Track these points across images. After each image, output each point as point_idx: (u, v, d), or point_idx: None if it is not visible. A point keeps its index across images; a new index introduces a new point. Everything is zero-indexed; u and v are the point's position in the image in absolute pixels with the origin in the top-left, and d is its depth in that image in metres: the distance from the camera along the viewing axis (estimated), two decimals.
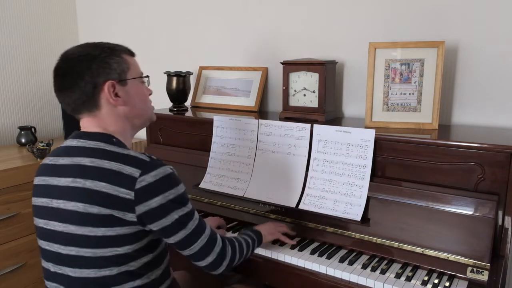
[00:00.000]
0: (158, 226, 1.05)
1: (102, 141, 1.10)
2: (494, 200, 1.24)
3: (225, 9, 2.17)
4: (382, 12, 1.73)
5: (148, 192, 1.03)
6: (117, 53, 1.14)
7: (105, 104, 1.12)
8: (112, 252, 1.04)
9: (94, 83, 1.09)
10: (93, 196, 1.02)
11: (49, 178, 1.11)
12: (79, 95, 1.10)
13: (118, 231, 1.03)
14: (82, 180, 1.04)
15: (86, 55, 1.10)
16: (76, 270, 1.06)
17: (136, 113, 1.18)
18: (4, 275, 1.94)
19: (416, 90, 1.55)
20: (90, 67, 1.09)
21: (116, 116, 1.14)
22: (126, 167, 1.04)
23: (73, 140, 1.14)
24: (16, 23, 2.51)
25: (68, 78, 1.10)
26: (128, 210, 1.02)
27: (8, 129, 2.51)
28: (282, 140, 1.62)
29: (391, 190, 1.39)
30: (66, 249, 1.07)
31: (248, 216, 1.62)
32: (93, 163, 1.05)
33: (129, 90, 1.15)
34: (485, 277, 1.20)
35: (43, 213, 1.11)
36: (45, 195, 1.11)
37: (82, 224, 1.03)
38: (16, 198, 1.97)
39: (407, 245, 1.33)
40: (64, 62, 1.13)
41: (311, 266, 1.34)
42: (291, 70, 1.75)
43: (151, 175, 1.03)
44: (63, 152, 1.13)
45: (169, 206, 1.05)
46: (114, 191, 1.02)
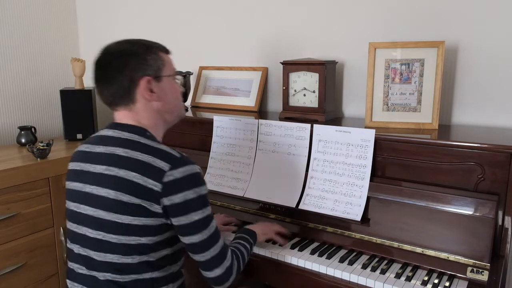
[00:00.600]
0: (177, 222, 1.10)
1: (136, 133, 1.16)
2: (494, 200, 1.24)
3: (225, 9, 2.17)
4: (382, 12, 1.73)
5: (174, 187, 1.07)
6: (153, 50, 1.20)
7: (141, 99, 1.17)
8: (135, 241, 1.09)
9: (131, 78, 1.15)
10: (124, 185, 1.08)
11: (84, 164, 1.17)
12: (117, 89, 1.16)
13: (144, 221, 1.08)
14: (115, 168, 1.10)
15: (125, 50, 1.17)
16: (100, 254, 1.12)
17: (169, 109, 1.23)
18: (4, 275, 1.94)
19: (416, 90, 1.55)
20: (128, 62, 1.15)
21: (150, 110, 1.19)
22: (157, 160, 1.09)
23: (108, 130, 1.19)
24: (16, 23, 2.51)
25: (107, 71, 1.16)
26: (155, 201, 1.07)
27: (8, 129, 2.50)
28: (282, 140, 1.62)
29: (391, 190, 1.39)
30: (93, 233, 1.12)
31: (248, 216, 1.62)
32: (126, 153, 1.11)
33: (163, 86, 1.20)
34: (485, 277, 1.20)
35: (75, 197, 1.18)
36: (79, 180, 1.17)
37: (112, 211, 1.09)
38: (16, 198, 1.97)
39: (407, 245, 1.33)
40: (104, 55, 1.18)
41: (311, 266, 1.34)
42: (291, 70, 1.75)
43: (180, 171, 1.08)
44: (99, 140, 1.19)
45: (191, 203, 1.10)
46: (143, 181, 1.07)
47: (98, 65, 1.19)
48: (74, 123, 2.49)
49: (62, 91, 2.45)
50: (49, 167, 2.09)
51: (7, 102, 2.50)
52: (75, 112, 2.47)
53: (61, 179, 2.15)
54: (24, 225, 2.01)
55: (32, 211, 2.04)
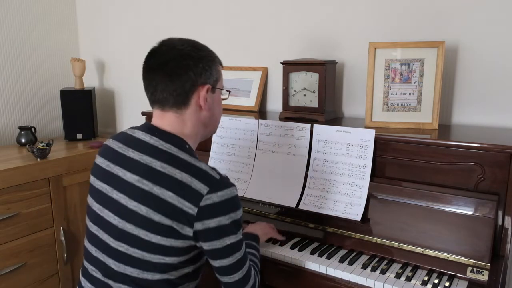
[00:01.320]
0: (209, 246, 1.05)
1: (175, 146, 1.08)
2: (494, 200, 1.24)
3: (224, 9, 2.17)
4: (382, 12, 1.73)
5: (210, 211, 1.02)
6: (217, 60, 1.18)
7: (193, 105, 1.12)
8: (159, 260, 1.04)
9: (194, 81, 1.10)
10: (158, 204, 1.02)
11: (114, 166, 1.11)
12: (176, 88, 1.09)
13: (172, 243, 1.03)
14: (149, 183, 1.03)
15: (196, 52, 1.12)
16: (120, 265, 1.07)
17: (212, 122, 1.20)
18: (4, 275, 1.94)
19: (416, 90, 1.55)
20: (197, 65, 1.10)
21: (197, 119, 1.14)
22: (196, 182, 1.02)
23: (145, 135, 1.11)
24: (16, 23, 2.51)
25: (171, 66, 1.09)
26: (188, 224, 1.02)
27: (8, 129, 2.51)
28: (282, 140, 1.62)
29: (391, 190, 1.39)
30: (115, 243, 1.07)
31: (248, 216, 1.62)
32: (164, 169, 1.04)
33: (215, 98, 1.18)
34: (485, 277, 1.20)
35: (101, 199, 1.12)
36: (107, 181, 1.11)
37: (140, 227, 1.03)
38: (16, 198, 1.97)
39: (407, 245, 1.33)
40: (169, 49, 1.12)
41: (311, 266, 1.34)
42: (291, 70, 1.75)
43: (218, 195, 1.02)
44: (133, 143, 1.11)
45: (226, 228, 1.04)
46: (179, 203, 1.01)
47: (159, 56, 1.12)
48: (74, 123, 2.49)
49: (62, 91, 2.45)
50: (49, 167, 2.09)
51: (7, 102, 2.50)
52: (75, 112, 2.47)
53: (61, 179, 2.15)
54: (24, 225, 2.01)
55: (32, 211, 2.04)
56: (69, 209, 2.21)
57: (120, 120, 2.77)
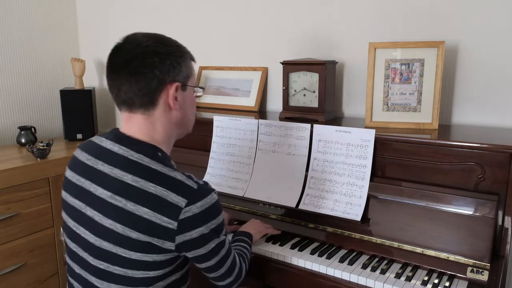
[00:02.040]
0: (194, 254, 1.02)
1: (147, 156, 1.01)
2: (494, 200, 1.24)
3: (225, 9, 2.17)
4: (382, 12, 1.73)
5: (191, 223, 0.98)
6: (187, 56, 1.10)
7: (162, 105, 1.05)
8: (143, 275, 1.00)
9: (161, 79, 1.02)
10: (134, 221, 0.97)
11: (85, 180, 1.05)
12: (142, 87, 1.02)
13: (154, 258, 0.99)
14: (122, 199, 0.98)
15: (162, 47, 1.04)
16: (103, 283, 1.02)
17: (185, 122, 1.12)
18: (4, 275, 1.94)
19: (416, 90, 1.55)
20: (163, 62, 1.02)
21: (168, 120, 1.07)
22: (172, 195, 0.97)
23: (114, 144, 1.05)
24: (16, 23, 2.51)
25: (135, 64, 1.01)
26: (168, 239, 0.98)
27: (8, 129, 2.51)
28: (282, 140, 1.62)
29: (391, 190, 1.39)
30: (95, 261, 1.02)
31: (248, 216, 1.62)
32: (136, 183, 0.98)
33: (186, 96, 1.10)
34: (485, 277, 1.20)
35: (75, 216, 1.07)
36: (79, 197, 1.06)
37: (118, 245, 0.98)
38: (16, 198, 1.97)
39: (407, 245, 1.33)
40: (133, 45, 1.03)
41: (311, 266, 1.34)
42: (291, 70, 1.75)
43: (197, 205, 0.98)
44: (102, 154, 1.05)
45: (209, 235, 1.01)
46: (156, 219, 0.96)
47: (123, 54, 1.03)
48: (74, 123, 2.49)
49: (62, 91, 2.45)
50: (49, 167, 2.09)
51: (7, 102, 2.50)
52: (75, 112, 2.47)
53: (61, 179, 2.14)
54: (24, 225, 2.01)
55: (32, 211, 2.04)
56: None
57: (120, 120, 2.76)
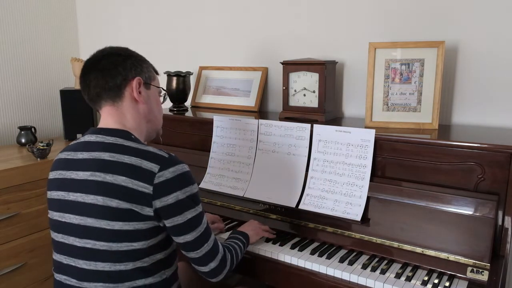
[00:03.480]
0: (171, 223, 1.09)
1: (121, 137, 1.14)
2: (494, 200, 1.24)
3: (225, 9, 2.17)
4: (382, 12, 1.73)
5: (166, 187, 1.06)
6: (147, 63, 1.26)
7: (128, 98, 1.18)
8: (128, 247, 1.07)
9: (125, 75, 1.17)
10: (113, 190, 1.05)
11: (66, 172, 1.14)
12: (107, 81, 1.16)
13: (135, 226, 1.06)
14: (102, 174, 1.07)
15: (124, 52, 1.21)
16: (91, 263, 1.08)
17: (152, 117, 1.25)
18: (4, 275, 1.94)
19: (416, 90, 1.55)
20: (125, 61, 1.18)
21: (136, 112, 1.20)
22: (145, 162, 1.07)
23: (91, 136, 1.16)
24: (16, 23, 2.51)
25: (102, 63, 1.17)
26: (146, 204, 1.05)
27: (8, 129, 2.51)
28: (282, 140, 1.62)
29: (391, 190, 1.39)
30: (81, 242, 1.09)
31: (248, 216, 1.62)
32: (112, 157, 1.08)
33: (150, 94, 1.24)
34: (485, 277, 1.20)
35: (59, 206, 1.14)
36: (62, 188, 1.14)
37: (100, 217, 1.06)
38: (16, 198, 1.97)
39: (407, 245, 1.33)
40: (99, 52, 1.21)
41: (311, 266, 1.34)
42: (291, 70, 1.75)
43: (170, 171, 1.07)
44: (81, 147, 1.16)
45: (184, 202, 1.09)
46: (133, 185, 1.05)
47: (91, 60, 1.20)
48: (74, 123, 2.49)
49: (62, 91, 2.45)
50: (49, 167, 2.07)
51: (7, 102, 2.50)
52: (75, 112, 2.47)
53: None
54: (24, 225, 2.01)
55: (32, 211, 2.04)
56: None
57: None
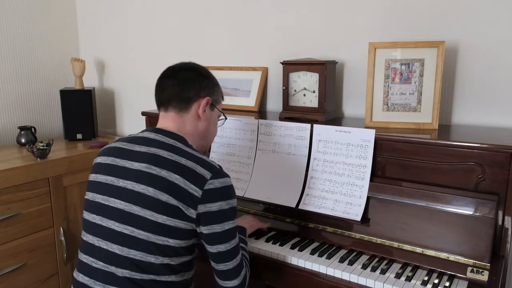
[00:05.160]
0: (209, 230, 1.13)
1: (180, 142, 1.21)
2: (494, 200, 1.24)
3: (225, 9, 2.17)
4: (382, 12, 1.73)
5: (213, 195, 1.12)
6: (219, 88, 1.35)
7: (193, 112, 1.27)
8: (163, 242, 1.11)
9: (198, 91, 1.26)
10: (166, 185, 1.11)
11: (120, 160, 1.19)
12: (182, 92, 1.25)
13: (177, 223, 1.11)
14: (158, 168, 1.13)
15: (205, 72, 1.32)
16: (124, 249, 1.12)
17: (206, 136, 1.33)
18: (4, 275, 1.94)
19: (416, 90, 1.55)
20: (203, 80, 1.28)
21: (194, 127, 1.28)
22: (200, 167, 1.14)
23: (150, 133, 1.23)
24: (16, 23, 2.51)
25: (181, 74, 1.28)
26: (192, 206, 1.11)
27: (8, 129, 2.51)
28: (282, 140, 1.62)
29: (391, 190, 1.39)
30: (121, 227, 1.13)
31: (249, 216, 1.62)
32: (171, 156, 1.15)
33: (212, 115, 1.33)
34: (485, 277, 1.20)
35: (105, 190, 1.18)
36: (112, 174, 1.18)
37: (147, 207, 1.11)
38: (16, 198, 1.97)
39: (407, 245, 1.33)
40: (184, 64, 1.32)
41: (311, 266, 1.34)
42: (291, 70, 1.75)
43: (220, 181, 1.14)
44: (140, 141, 1.21)
45: (225, 213, 1.14)
46: (185, 185, 1.11)
47: (174, 68, 1.30)
48: (74, 123, 2.49)
49: (62, 91, 2.45)
50: (49, 167, 2.09)
51: (7, 102, 2.50)
52: (75, 112, 2.47)
53: (61, 179, 2.15)
54: (24, 225, 2.01)
55: (32, 211, 2.04)
56: (69, 209, 2.21)
57: (120, 120, 2.77)
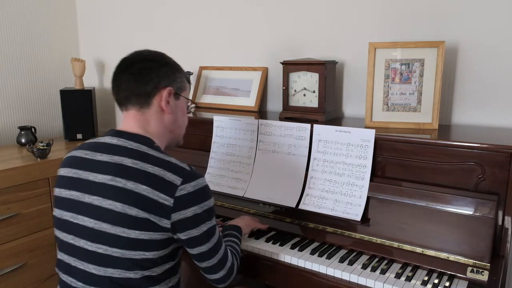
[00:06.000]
0: (187, 236, 1.08)
1: (144, 144, 1.12)
2: (494, 200, 1.24)
3: (225, 9, 2.17)
4: (382, 12, 1.73)
5: (186, 201, 1.06)
6: (182, 73, 1.25)
7: (155, 106, 1.17)
8: (140, 256, 1.05)
9: (157, 83, 1.16)
10: (133, 198, 1.03)
11: (82, 172, 1.11)
12: (138, 87, 1.15)
13: (151, 236, 1.05)
14: (123, 180, 1.05)
15: (162, 58, 1.20)
16: (100, 269, 1.06)
17: (175, 128, 1.24)
18: (4, 275, 1.94)
19: (416, 90, 1.55)
20: (160, 69, 1.17)
21: (160, 121, 1.18)
22: (168, 174, 1.06)
23: (112, 138, 1.14)
24: (16, 23, 2.51)
25: (136, 67, 1.16)
26: (165, 216, 1.04)
27: (8, 129, 2.51)
28: (282, 140, 1.62)
29: (391, 190, 1.39)
30: (93, 246, 1.07)
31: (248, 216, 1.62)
32: (135, 165, 1.06)
33: (179, 105, 1.23)
34: (485, 277, 1.20)
35: (71, 206, 1.11)
36: (76, 188, 1.11)
37: (117, 224, 1.04)
38: (16, 198, 1.97)
39: (407, 245, 1.33)
40: (137, 54, 1.20)
41: (311, 266, 1.34)
42: (291, 70, 1.75)
43: (191, 185, 1.07)
44: (101, 148, 1.13)
45: (202, 216, 1.09)
46: (154, 195, 1.04)
47: (127, 61, 1.19)
48: (74, 123, 2.49)
49: (62, 91, 2.45)
50: (49, 167, 2.09)
51: (7, 102, 2.50)
52: (75, 112, 2.47)
53: None
54: (24, 225, 2.01)
55: (32, 211, 2.04)
56: None
57: (119, 120, 2.77)
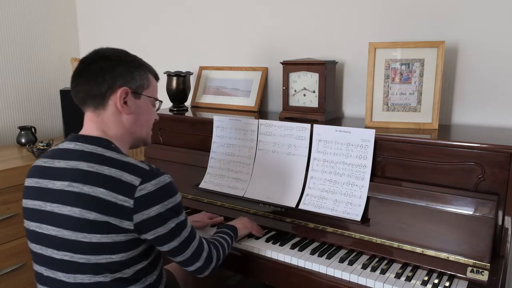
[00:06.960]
0: (154, 235, 1.06)
1: (100, 146, 1.09)
2: (494, 200, 1.24)
3: (225, 9, 2.17)
4: (382, 12, 1.73)
5: (147, 201, 1.03)
6: (144, 69, 1.18)
7: (112, 107, 1.13)
8: (106, 259, 1.03)
9: (111, 84, 1.12)
10: (91, 202, 1.02)
11: (42, 181, 1.10)
12: (91, 88, 1.12)
13: (114, 238, 1.03)
14: (79, 185, 1.03)
15: (117, 57, 1.15)
16: (69, 276, 1.05)
17: (137, 128, 1.19)
18: (4, 275, 1.94)
19: (416, 90, 1.55)
20: (114, 68, 1.12)
21: (118, 122, 1.15)
22: (126, 174, 1.03)
23: (70, 143, 1.12)
24: (16, 23, 2.51)
25: (90, 69, 1.13)
26: (126, 217, 1.02)
27: (8, 129, 2.51)
28: (282, 140, 1.62)
29: (391, 190, 1.39)
30: (59, 254, 1.06)
31: (248, 216, 1.62)
32: (91, 168, 1.04)
33: (139, 104, 1.18)
34: (485, 277, 1.20)
35: (35, 216, 1.10)
36: (38, 197, 1.10)
37: (77, 230, 1.03)
38: (16, 198, 1.97)
39: (407, 245, 1.33)
40: (94, 54, 1.16)
41: (311, 266, 1.34)
42: (291, 70, 1.75)
43: (152, 183, 1.04)
44: (58, 154, 1.11)
45: (167, 214, 1.06)
46: (112, 197, 1.01)
47: (84, 61, 1.16)
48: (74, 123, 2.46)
49: (62, 91, 2.45)
50: None
51: (7, 102, 2.50)
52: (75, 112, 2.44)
53: None
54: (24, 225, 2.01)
55: None
56: None
57: None
